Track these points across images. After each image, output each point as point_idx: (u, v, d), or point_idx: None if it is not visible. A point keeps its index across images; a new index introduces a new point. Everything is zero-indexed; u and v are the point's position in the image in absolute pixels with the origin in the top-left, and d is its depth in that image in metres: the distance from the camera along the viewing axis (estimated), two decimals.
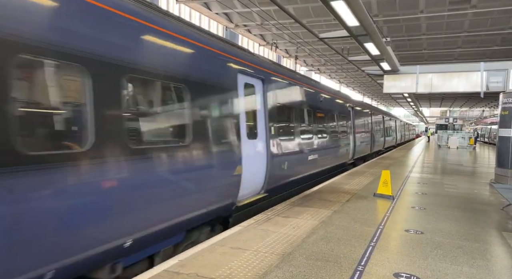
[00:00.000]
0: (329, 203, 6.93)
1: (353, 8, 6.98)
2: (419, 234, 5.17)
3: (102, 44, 3.30)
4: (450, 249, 4.58)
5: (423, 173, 12.42)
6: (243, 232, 4.94)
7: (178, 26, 4.51)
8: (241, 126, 5.76)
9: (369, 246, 4.54)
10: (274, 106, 7.09)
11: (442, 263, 4.08)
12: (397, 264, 3.98)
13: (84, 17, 3.14)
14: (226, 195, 5.31)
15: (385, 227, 5.41)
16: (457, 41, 22.15)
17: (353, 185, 9.19)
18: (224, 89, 5.29)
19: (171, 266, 3.72)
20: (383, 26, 19.26)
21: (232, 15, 20.22)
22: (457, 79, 12.45)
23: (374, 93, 54.48)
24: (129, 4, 3.75)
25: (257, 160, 6.31)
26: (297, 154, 8.24)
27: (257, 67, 6.48)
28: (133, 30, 3.71)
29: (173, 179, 4.14)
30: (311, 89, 9.63)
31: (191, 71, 4.56)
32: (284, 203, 6.84)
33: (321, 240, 4.70)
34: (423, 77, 12.93)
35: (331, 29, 18.00)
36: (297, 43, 22.98)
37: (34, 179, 2.70)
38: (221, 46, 5.43)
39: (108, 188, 3.31)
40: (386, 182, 7.70)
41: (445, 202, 7.52)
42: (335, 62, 29.25)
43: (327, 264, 3.92)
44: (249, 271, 3.66)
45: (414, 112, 60.28)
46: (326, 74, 38.37)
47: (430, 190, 8.91)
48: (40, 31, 2.77)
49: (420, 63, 24.05)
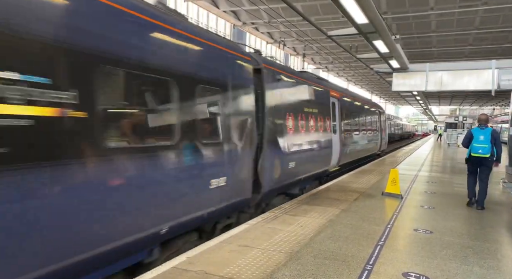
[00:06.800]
0: (337, 202, 6.90)
1: (362, 5, 6.91)
2: (428, 233, 5.12)
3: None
4: (460, 248, 4.52)
5: (432, 172, 12.30)
6: (250, 230, 4.94)
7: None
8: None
9: (377, 245, 4.51)
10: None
11: (451, 263, 4.04)
12: (406, 264, 3.95)
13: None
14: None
15: (393, 226, 5.37)
16: (468, 38, 21.88)
17: (361, 184, 9.14)
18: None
19: (179, 263, 3.74)
20: (392, 24, 19.09)
21: (240, 13, 20.21)
22: (468, 77, 12.28)
23: (382, 91, 54.10)
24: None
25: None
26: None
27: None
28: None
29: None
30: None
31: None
32: (291, 202, 6.82)
33: (329, 239, 4.68)
34: (433, 75, 12.77)
35: (340, 27, 17.87)
36: (305, 41, 22.88)
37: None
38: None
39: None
40: (394, 181, 7.64)
41: (454, 201, 7.43)
42: (343, 60, 29.09)
43: (335, 262, 3.90)
44: (256, 269, 3.66)
45: (423, 111, 59.67)
46: (334, 72, 38.18)
47: (439, 189, 8.82)
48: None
49: (430, 61, 23.78)
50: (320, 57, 30.28)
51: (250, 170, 5.71)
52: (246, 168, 5.60)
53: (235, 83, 5.33)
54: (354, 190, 8.19)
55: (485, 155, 6.63)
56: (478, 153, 6.70)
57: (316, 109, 9.01)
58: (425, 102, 36.88)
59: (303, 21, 18.39)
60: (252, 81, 5.89)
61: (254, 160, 5.89)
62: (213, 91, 4.86)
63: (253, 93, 5.85)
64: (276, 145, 6.67)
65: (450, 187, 9.30)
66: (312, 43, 23.61)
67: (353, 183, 9.20)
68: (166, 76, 3.97)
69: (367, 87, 49.88)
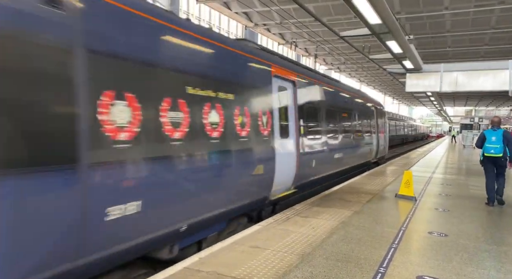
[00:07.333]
0: (349, 204, 6.84)
1: (375, 5, 6.85)
2: (443, 236, 5.03)
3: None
4: (475, 252, 4.43)
5: (447, 174, 12.09)
6: (262, 231, 4.94)
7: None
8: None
9: (390, 247, 4.46)
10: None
11: (467, 267, 3.96)
12: (420, 267, 3.89)
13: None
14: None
15: (407, 229, 5.30)
16: (484, 38, 21.44)
17: (373, 186, 9.04)
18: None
19: (191, 264, 3.76)
20: (405, 24, 18.85)
21: (252, 14, 20.24)
22: (484, 78, 12.05)
23: (395, 92, 53.46)
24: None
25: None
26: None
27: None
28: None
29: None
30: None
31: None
32: (303, 203, 6.79)
33: (341, 241, 4.64)
34: (447, 76, 12.58)
35: (352, 27, 17.74)
36: (317, 41, 22.78)
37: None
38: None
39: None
40: (408, 183, 7.53)
41: (470, 204, 7.29)
42: (355, 60, 28.85)
43: (347, 265, 3.86)
44: (268, 270, 3.65)
45: (438, 112, 58.76)
46: (346, 73, 37.90)
47: (454, 192, 8.66)
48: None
49: (444, 61, 23.41)
50: (332, 58, 30.08)
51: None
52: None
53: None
54: (367, 192, 8.10)
55: (497, 155, 7.06)
56: (490, 153, 7.14)
57: (234, 95, 5.15)
58: (439, 103, 36.33)
59: (315, 22, 18.32)
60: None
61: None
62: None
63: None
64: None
65: (466, 189, 9.12)
66: (324, 43, 23.48)
67: (365, 185, 9.11)
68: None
69: (380, 88, 49.35)
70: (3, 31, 2.47)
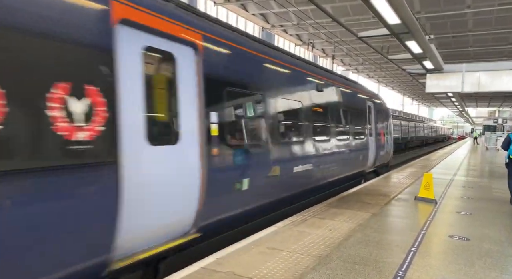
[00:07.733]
0: (367, 206, 6.75)
1: (394, 5, 6.76)
2: (464, 240, 4.90)
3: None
4: (499, 257, 4.30)
5: (469, 177, 11.78)
6: (278, 232, 4.93)
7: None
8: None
9: (410, 251, 4.37)
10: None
11: (491, 272, 3.85)
12: (441, 271, 3.80)
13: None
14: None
15: (427, 232, 5.19)
16: (508, 37, 20.85)
17: (392, 188, 8.90)
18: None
19: (208, 264, 3.78)
20: (426, 23, 18.51)
21: (269, 16, 20.28)
22: (508, 77, 11.70)
23: (415, 93, 52.48)
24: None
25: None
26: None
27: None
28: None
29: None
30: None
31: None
32: (320, 205, 6.75)
33: (359, 244, 4.59)
34: (469, 76, 12.27)
35: (370, 28, 17.54)
36: (334, 42, 22.62)
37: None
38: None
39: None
40: (428, 186, 7.38)
41: (493, 207, 7.08)
42: (373, 61, 28.49)
43: (365, 268, 3.81)
44: (285, 272, 3.64)
45: (459, 112, 57.34)
46: (364, 73, 37.47)
47: (476, 195, 8.43)
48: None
49: (466, 61, 22.86)
50: (350, 59, 29.82)
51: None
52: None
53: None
54: (385, 194, 7.98)
55: None
56: None
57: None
58: (461, 104, 35.46)
59: (332, 23, 18.20)
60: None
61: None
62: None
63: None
64: None
65: (489, 192, 8.86)
66: (342, 44, 23.30)
67: (383, 187, 8.97)
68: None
69: (399, 88, 48.57)
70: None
